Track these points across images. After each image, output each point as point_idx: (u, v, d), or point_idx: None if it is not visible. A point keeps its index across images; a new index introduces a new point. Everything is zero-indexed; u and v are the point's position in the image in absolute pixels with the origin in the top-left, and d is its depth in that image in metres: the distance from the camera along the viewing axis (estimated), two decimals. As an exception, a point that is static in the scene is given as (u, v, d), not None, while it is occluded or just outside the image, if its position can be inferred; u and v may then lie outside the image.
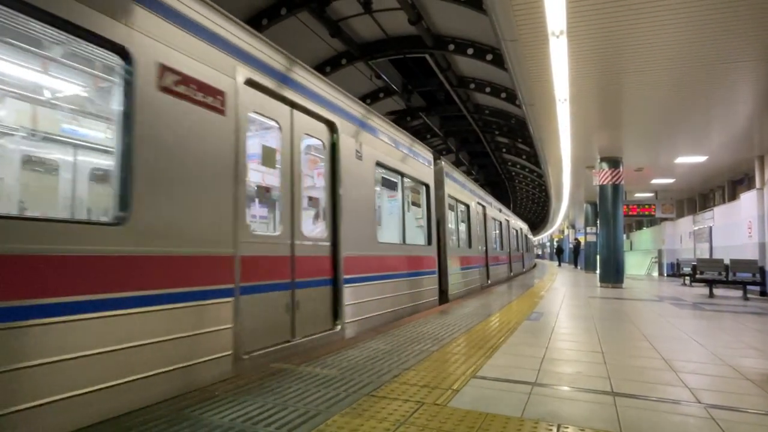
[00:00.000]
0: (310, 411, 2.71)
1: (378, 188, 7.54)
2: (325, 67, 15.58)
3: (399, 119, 21.50)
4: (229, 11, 3.84)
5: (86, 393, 2.48)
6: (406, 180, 7.73)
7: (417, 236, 8.34)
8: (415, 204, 8.57)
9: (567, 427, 2.50)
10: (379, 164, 6.49)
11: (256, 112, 4.10)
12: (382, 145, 6.61)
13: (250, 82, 3.92)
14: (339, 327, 5.05)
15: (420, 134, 23.92)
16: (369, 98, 18.66)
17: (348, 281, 5.31)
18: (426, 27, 13.55)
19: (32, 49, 3.36)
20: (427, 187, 8.55)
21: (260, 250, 3.97)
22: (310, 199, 5.28)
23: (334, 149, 5.28)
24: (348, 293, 5.25)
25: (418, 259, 7.66)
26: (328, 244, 5.07)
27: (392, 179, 7.62)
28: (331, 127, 5.23)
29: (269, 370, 3.63)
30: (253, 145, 4.28)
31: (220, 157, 3.52)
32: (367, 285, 5.85)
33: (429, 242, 8.34)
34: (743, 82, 7.42)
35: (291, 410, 2.73)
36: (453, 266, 9.64)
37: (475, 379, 3.44)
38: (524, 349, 4.55)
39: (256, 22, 12.66)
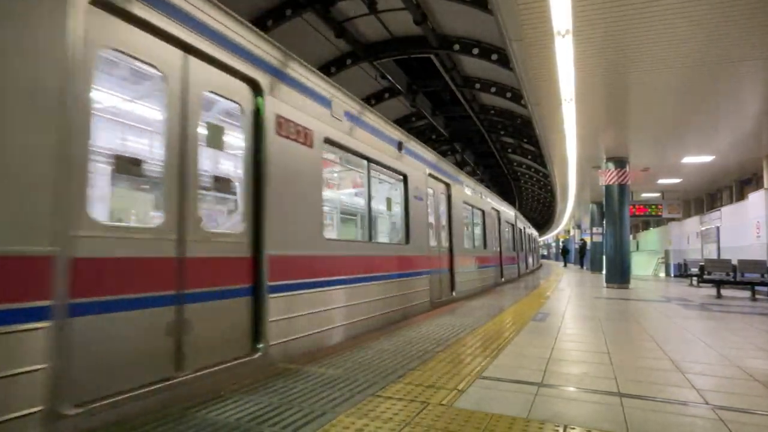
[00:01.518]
0: (316, 411, 2.72)
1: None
2: (330, 68, 15.61)
3: (404, 120, 21.52)
4: (236, 11, 3.84)
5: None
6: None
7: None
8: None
9: (573, 428, 2.49)
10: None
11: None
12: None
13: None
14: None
15: (425, 135, 23.92)
16: (374, 98, 18.68)
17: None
18: (431, 27, 13.54)
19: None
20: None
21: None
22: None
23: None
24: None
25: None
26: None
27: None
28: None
29: (275, 370, 3.63)
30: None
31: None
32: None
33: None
34: (751, 81, 7.37)
35: (296, 410, 2.73)
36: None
37: (481, 379, 3.43)
38: (530, 349, 4.53)
39: (262, 23, 12.70)
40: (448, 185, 9.58)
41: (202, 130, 3.51)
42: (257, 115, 4.04)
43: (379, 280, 6.12)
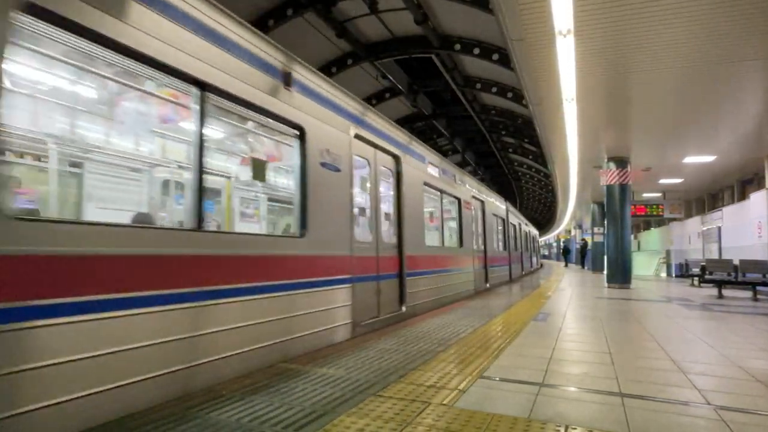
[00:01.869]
0: (317, 411, 2.72)
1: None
2: (330, 68, 15.60)
3: (405, 120, 21.51)
4: (236, 12, 3.85)
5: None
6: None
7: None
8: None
9: (575, 428, 2.49)
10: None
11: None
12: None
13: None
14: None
15: (426, 135, 23.90)
16: (375, 99, 18.67)
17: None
18: (432, 27, 13.52)
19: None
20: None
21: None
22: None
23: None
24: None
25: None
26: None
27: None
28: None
29: (276, 370, 3.63)
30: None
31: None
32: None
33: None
34: (752, 80, 7.36)
35: (298, 410, 2.73)
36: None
37: (482, 379, 3.42)
38: (531, 349, 4.53)
39: (263, 23, 12.70)
40: (396, 157, 7.06)
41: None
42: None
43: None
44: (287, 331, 4.19)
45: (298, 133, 4.71)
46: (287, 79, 4.59)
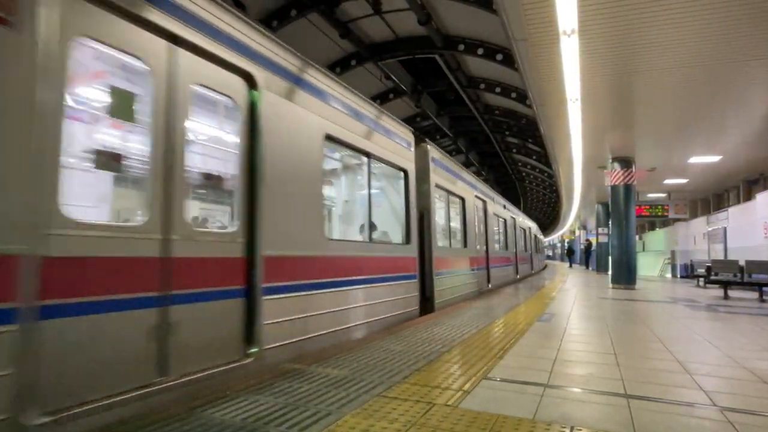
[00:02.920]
0: (321, 411, 2.72)
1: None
2: (334, 68, 15.62)
3: (409, 120, 21.51)
4: (240, 13, 3.85)
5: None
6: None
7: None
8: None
9: (580, 430, 2.48)
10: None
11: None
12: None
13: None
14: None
15: (430, 135, 23.89)
16: (379, 99, 18.68)
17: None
18: (436, 27, 13.52)
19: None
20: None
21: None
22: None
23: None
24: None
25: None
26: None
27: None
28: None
29: (280, 370, 3.64)
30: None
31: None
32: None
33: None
34: (758, 80, 7.32)
35: (302, 410, 2.73)
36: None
37: (486, 380, 3.42)
38: (536, 350, 4.51)
39: (267, 24, 12.73)
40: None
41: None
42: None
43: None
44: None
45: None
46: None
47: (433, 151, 8.41)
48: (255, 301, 3.77)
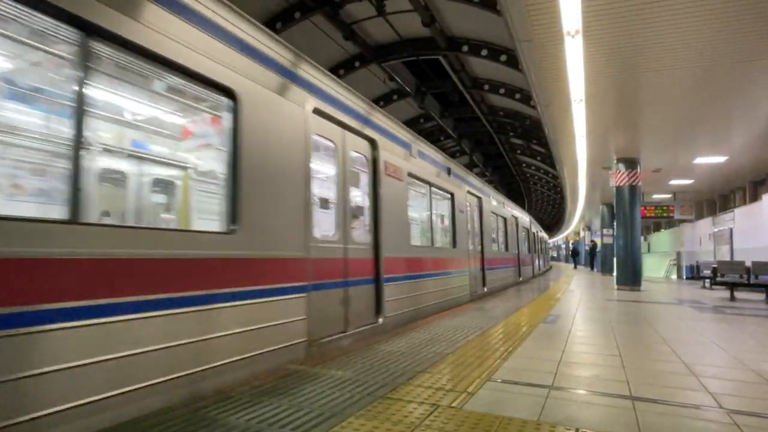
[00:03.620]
0: (325, 413, 2.72)
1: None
2: (338, 70, 15.66)
3: (412, 122, 21.51)
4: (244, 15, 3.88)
5: None
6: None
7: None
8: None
9: (585, 432, 2.47)
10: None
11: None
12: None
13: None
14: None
15: (433, 136, 23.89)
16: (382, 101, 18.70)
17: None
18: (439, 28, 13.53)
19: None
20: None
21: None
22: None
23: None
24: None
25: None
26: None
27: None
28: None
29: (285, 372, 3.64)
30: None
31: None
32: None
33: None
34: (764, 80, 7.27)
35: (306, 412, 2.73)
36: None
37: (491, 382, 3.41)
38: (540, 352, 4.50)
39: (271, 25, 12.77)
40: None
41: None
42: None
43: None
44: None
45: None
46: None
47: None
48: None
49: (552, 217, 56.47)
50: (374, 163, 6.03)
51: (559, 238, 60.44)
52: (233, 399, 2.96)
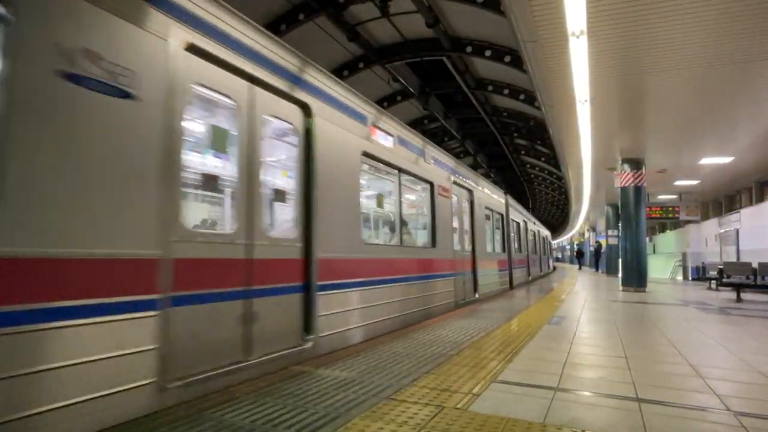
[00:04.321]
0: (330, 414, 2.72)
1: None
2: (342, 71, 15.67)
3: (416, 123, 21.52)
4: (249, 17, 3.88)
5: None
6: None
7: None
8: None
9: (591, 434, 2.45)
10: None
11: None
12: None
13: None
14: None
15: (437, 137, 23.88)
16: (386, 101, 18.71)
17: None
18: (443, 29, 13.52)
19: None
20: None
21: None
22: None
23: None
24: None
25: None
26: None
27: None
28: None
29: (289, 372, 3.64)
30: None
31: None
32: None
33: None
34: (771, 80, 7.23)
35: (311, 412, 2.73)
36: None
37: (496, 383, 3.40)
38: (545, 353, 4.48)
39: (275, 27, 12.80)
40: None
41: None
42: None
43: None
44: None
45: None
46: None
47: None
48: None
49: (556, 217, 56.28)
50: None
51: (563, 239, 60.27)
52: (238, 399, 2.96)
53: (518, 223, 16.74)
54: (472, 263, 9.88)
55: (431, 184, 7.83)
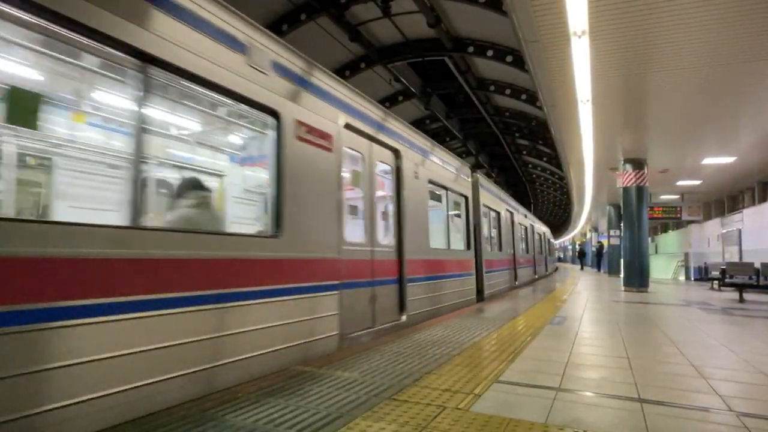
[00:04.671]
0: (332, 414, 2.72)
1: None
2: (344, 71, 15.69)
3: (418, 123, 21.51)
4: (251, 17, 3.88)
5: None
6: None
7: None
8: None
9: (593, 434, 2.45)
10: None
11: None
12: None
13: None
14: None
15: (439, 137, 23.88)
16: (388, 102, 18.72)
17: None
18: (445, 29, 13.53)
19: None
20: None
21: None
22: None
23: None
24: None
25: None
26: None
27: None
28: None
29: (291, 372, 3.65)
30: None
31: None
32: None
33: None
34: (774, 80, 7.21)
35: (313, 413, 2.74)
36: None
37: (498, 383, 3.39)
38: (547, 353, 4.48)
39: (277, 27, 12.82)
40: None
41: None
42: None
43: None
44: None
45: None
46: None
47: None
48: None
49: (558, 218, 56.23)
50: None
51: (565, 239, 60.21)
52: (241, 399, 2.97)
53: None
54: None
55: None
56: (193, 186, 4.02)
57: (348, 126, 5.10)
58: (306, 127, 4.29)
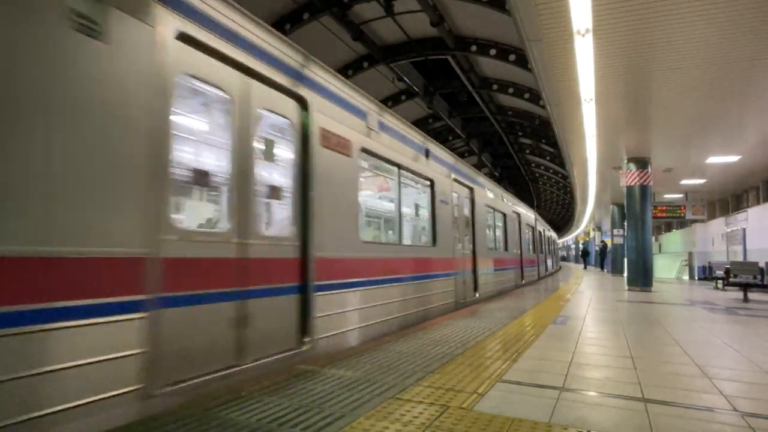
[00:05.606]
0: (335, 413, 2.72)
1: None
2: (347, 71, 15.68)
3: (421, 122, 21.50)
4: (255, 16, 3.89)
5: None
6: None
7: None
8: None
9: (597, 434, 2.45)
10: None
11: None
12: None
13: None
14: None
15: (442, 136, 23.85)
16: (391, 101, 18.71)
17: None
18: (448, 28, 13.50)
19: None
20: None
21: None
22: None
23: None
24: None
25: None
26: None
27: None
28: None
29: (294, 371, 3.65)
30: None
31: None
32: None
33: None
34: (779, 78, 7.17)
35: (316, 412, 2.74)
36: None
37: (501, 383, 3.39)
38: (551, 353, 4.47)
39: (280, 27, 12.83)
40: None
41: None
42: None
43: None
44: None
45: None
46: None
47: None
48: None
49: (561, 217, 56.08)
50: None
51: (569, 239, 60.07)
52: (244, 398, 2.97)
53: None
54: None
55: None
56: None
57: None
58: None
